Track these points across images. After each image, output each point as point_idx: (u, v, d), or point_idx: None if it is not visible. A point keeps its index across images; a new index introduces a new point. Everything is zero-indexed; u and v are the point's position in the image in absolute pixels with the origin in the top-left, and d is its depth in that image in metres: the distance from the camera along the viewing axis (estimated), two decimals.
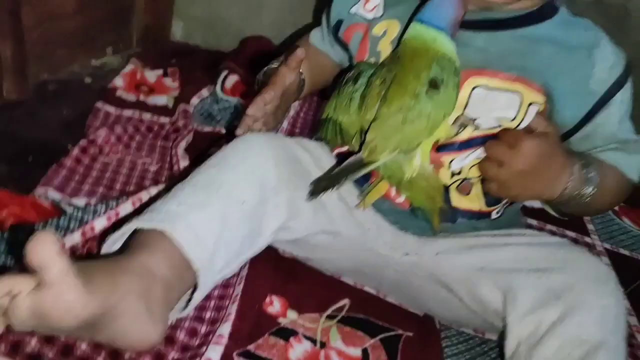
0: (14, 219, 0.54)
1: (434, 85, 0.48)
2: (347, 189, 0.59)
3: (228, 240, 0.48)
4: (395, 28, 0.57)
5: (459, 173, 0.55)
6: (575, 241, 0.82)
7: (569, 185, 0.51)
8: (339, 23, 0.62)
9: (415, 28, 0.50)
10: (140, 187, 0.70)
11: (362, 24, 0.60)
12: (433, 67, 0.48)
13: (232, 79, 0.97)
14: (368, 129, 0.50)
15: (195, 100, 0.91)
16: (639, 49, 0.93)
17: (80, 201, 0.64)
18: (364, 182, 0.58)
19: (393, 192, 0.57)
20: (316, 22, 1.00)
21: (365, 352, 0.56)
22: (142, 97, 0.91)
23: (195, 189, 0.49)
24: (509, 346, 0.50)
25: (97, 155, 0.73)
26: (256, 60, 1.04)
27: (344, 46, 0.63)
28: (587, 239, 0.84)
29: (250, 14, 1.11)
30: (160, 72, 0.98)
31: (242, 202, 0.49)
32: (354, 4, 0.61)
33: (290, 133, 0.87)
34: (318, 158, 0.58)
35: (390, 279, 0.61)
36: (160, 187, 0.64)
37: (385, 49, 0.57)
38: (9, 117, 0.79)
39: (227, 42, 1.12)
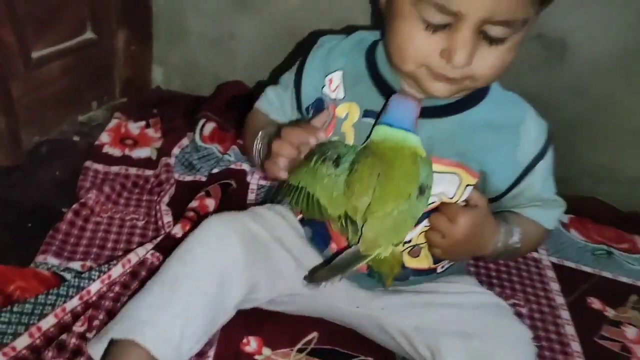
0: (20, 291, 0.63)
1: (422, 191, 0.55)
2: (303, 251, 0.67)
3: (193, 329, 0.57)
4: (356, 111, 0.62)
5: (410, 241, 0.63)
6: (523, 257, 0.91)
7: (498, 245, 0.61)
8: (310, 100, 0.67)
9: (384, 130, 0.56)
10: (129, 243, 0.79)
11: (331, 104, 0.65)
12: (420, 172, 0.55)
13: (210, 126, 1.05)
14: (360, 219, 0.56)
15: (176, 151, 0.99)
16: (576, 78, 1.02)
17: (77, 264, 0.72)
18: (323, 247, 0.66)
19: None
20: (286, 63, 1.08)
21: None
22: (127, 151, 0.99)
23: (162, 287, 0.58)
24: None
25: (89, 216, 0.82)
26: (232, 103, 1.14)
27: (304, 117, 0.68)
28: (535, 254, 0.93)
29: (224, 59, 1.18)
30: (142, 123, 1.06)
31: (204, 293, 0.58)
32: (323, 85, 0.65)
33: None
34: (273, 229, 0.67)
35: (349, 323, 0.70)
36: (148, 246, 0.73)
37: (348, 131, 0.62)
38: (7, 183, 0.88)
39: (205, 86, 1.20)
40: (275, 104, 0.73)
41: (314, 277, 0.59)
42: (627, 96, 1.02)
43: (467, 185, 0.61)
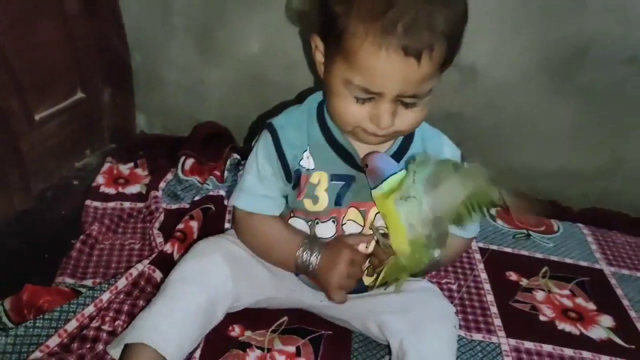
0: (48, 304, 0.80)
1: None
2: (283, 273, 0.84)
3: (190, 332, 0.74)
4: (325, 178, 0.76)
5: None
6: None
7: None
8: (290, 168, 0.77)
9: (393, 181, 0.69)
10: (129, 262, 0.96)
11: (305, 174, 0.76)
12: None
13: (189, 162, 1.23)
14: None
15: (162, 185, 1.18)
16: (489, 95, 1.23)
17: (88, 282, 0.90)
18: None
19: None
20: (251, 101, 1.25)
21: (298, 348, 0.82)
22: (120, 189, 1.17)
23: (163, 301, 0.74)
24: (393, 353, 0.77)
25: (94, 244, 1.00)
26: (208, 141, 1.33)
27: (286, 184, 0.78)
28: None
29: (197, 102, 1.36)
30: (131, 165, 1.25)
31: (197, 305, 0.75)
32: (301, 159, 0.76)
33: None
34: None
35: (316, 310, 0.88)
36: (145, 262, 0.91)
37: (322, 195, 0.76)
38: (22, 224, 1.05)
39: (183, 128, 1.37)
40: (268, 188, 0.78)
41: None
42: (533, 106, 1.23)
43: None
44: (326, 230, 0.79)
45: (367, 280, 0.81)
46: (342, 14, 0.63)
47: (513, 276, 1.06)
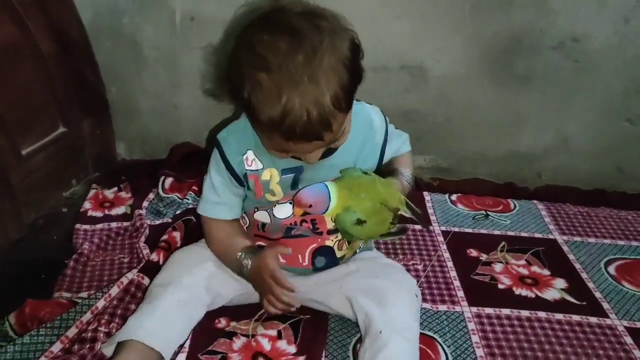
0: (49, 315, 0.89)
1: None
2: None
3: (174, 326, 0.83)
4: (275, 173, 0.84)
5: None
6: (420, 230, 1.21)
7: (408, 185, 0.91)
8: (238, 174, 0.86)
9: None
10: (120, 275, 1.05)
11: (253, 175, 0.85)
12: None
13: (169, 180, 1.33)
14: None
15: (145, 204, 1.27)
16: (438, 91, 1.34)
17: (84, 294, 0.98)
18: None
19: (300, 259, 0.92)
20: (222, 120, 1.34)
21: (279, 332, 0.91)
22: (107, 212, 1.26)
23: (148, 302, 0.85)
24: (361, 327, 0.86)
25: (86, 262, 1.08)
26: (184, 160, 1.42)
27: (242, 184, 0.87)
28: (429, 227, 1.23)
29: (172, 126, 1.45)
30: (115, 189, 1.34)
31: (177, 301, 0.84)
32: (245, 165, 0.85)
33: None
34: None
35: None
36: (134, 271, 1.00)
37: (276, 188, 0.84)
38: (19, 251, 1.13)
39: (160, 151, 1.47)
40: (220, 196, 0.89)
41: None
42: (479, 97, 1.34)
43: None
44: (283, 210, 0.88)
45: (339, 254, 0.92)
46: (249, 106, 0.70)
47: (473, 253, 1.15)
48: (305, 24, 0.69)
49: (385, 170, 0.93)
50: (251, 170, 0.86)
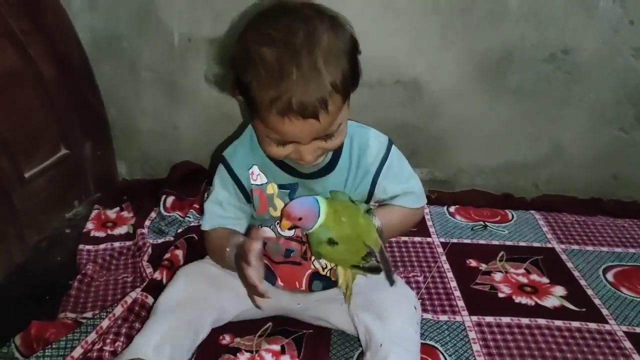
0: (54, 336, 0.90)
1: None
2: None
3: (179, 343, 0.83)
4: (275, 188, 0.86)
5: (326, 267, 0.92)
6: (420, 244, 1.22)
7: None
8: (246, 189, 0.88)
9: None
10: (124, 294, 1.06)
11: (259, 189, 0.87)
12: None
13: (170, 199, 1.34)
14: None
15: (147, 223, 1.28)
16: (432, 105, 1.36)
17: (88, 314, 0.99)
18: (274, 281, 0.95)
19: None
20: (221, 138, 1.35)
21: (282, 347, 0.92)
22: (109, 232, 1.27)
23: (154, 319, 0.85)
24: (362, 341, 0.87)
25: (90, 282, 1.09)
26: (184, 179, 1.44)
27: (249, 200, 0.89)
28: (429, 239, 1.24)
29: (172, 146, 1.48)
30: (117, 209, 1.36)
31: (183, 319, 0.85)
32: (250, 179, 0.87)
33: None
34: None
35: (293, 315, 0.97)
36: (138, 290, 1.01)
37: (277, 202, 0.86)
38: (23, 273, 1.14)
39: (161, 170, 1.49)
40: (226, 210, 0.90)
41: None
42: (473, 110, 1.37)
43: None
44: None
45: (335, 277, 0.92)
46: (249, 86, 0.72)
47: (473, 263, 1.17)
48: (309, 10, 0.73)
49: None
50: (257, 184, 0.87)
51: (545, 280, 1.12)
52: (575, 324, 0.99)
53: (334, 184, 0.86)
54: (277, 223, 0.89)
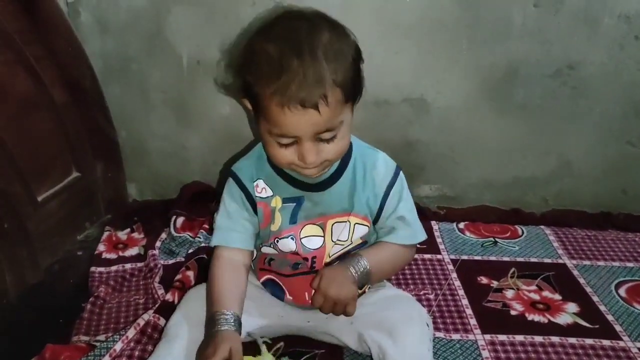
0: (68, 359, 0.90)
1: None
2: (264, 297, 0.96)
3: None
4: (279, 201, 0.87)
5: None
6: (430, 261, 1.22)
7: (355, 275, 0.85)
8: (254, 200, 0.90)
9: None
10: (136, 316, 1.06)
11: (263, 202, 0.89)
12: None
13: (180, 220, 1.35)
14: None
15: (158, 244, 1.29)
16: (440, 121, 1.37)
17: (101, 337, 1.00)
18: (282, 297, 0.95)
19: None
20: (229, 158, 1.36)
21: None
22: (120, 253, 1.28)
23: (167, 340, 0.86)
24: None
25: (103, 305, 1.10)
26: (194, 199, 1.45)
27: (253, 215, 0.90)
28: (438, 256, 1.24)
29: (181, 166, 1.49)
30: (128, 230, 1.37)
31: (194, 340, 0.83)
32: (255, 192, 0.89)
33: None
34: None
35: (304, 333, 0.97)
36: (150, 312, 1.01)
37: (277, 216, 0.87)
38: (35, 296, 1.15)
39: (171, 191, 1.50)
40: (234, 222, 0.90)
41: None
42: (480, 126, 1.37)
43: (356, 224, 0.90)
44: (287, 245, 0.90)
45: None
46: (252, 82, 0.75)
47: (484, 280, 1.17)
48: (313, 15, 0.77)
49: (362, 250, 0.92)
50: (261, 197, 0.89)
51: (557, 297, 1.11)
52: (589, 341, 0.98)
53: (339, 195, 0.87)
54: (277, 240, 0.90)
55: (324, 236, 0.90)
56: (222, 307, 0.83)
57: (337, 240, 0.90)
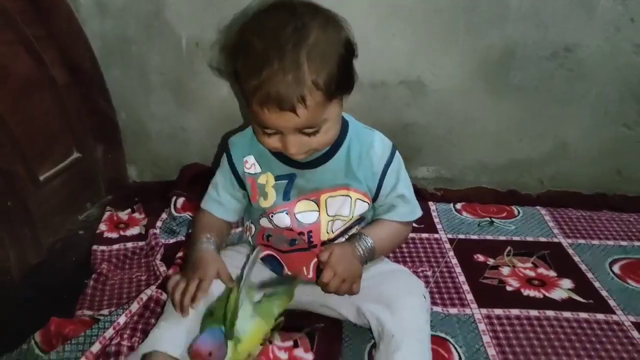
0: (73, 332, 0.92)
1: None
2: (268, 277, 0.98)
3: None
4: (271, 178, 0.89)
5: None
6: (427, 240, 1.24)
7: (363, 258, 0.87)
8: (240, 176, 0.93)
9: None
10: (138, 292, 1.08)
11: (251, 177, 0.91)
12: None
13: (180, 200, 1.37)
14: None
15: (159, 223, 1.30)
16: (437, 104, 1.38)
17: (105, 311, 1.02)
18: (280, 270, 0.97)
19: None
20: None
21: (295, 342, 0.94)
22: (122, 233, 1.29)
23: (167, 314, 0.87)
24: (374, 332, 0.88)
25: (105, 281, 1.11)
26: (194, 180, 1.46)
27: (244, 187, 0.93)
28: (435, 235, 1.26)
29: (181, 148, 1.50)
30: (129, 210, 1.38)
31: (195, 311, 0.85)
32: (244, 167, 0.91)
33: None
34: (238, 262, 0.94)
35: (304, 306, 0.99)
36: (152, 287, 1.03)
37: (270, 191, 0.89)
38: (39, 274, 1.16)
39: (170, 172, 1.51)
40: (219, 195, 0.96)
41: None
42: (477, 108, 1.38)
43: (357, 199, 0.91)
44: (282, 220, 0.91)
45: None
46: (239, 73, 0.77)
47: (480, 258, 1.19)
48: (305, 8, 0.76)
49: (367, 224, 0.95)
50: (249, 173, 0.91)
51: (552, 273, 1.14)
52: (583, 315, 1.01)
53: (332, 172, 0.88)
54: (271, 214, 0.92)
55: (319, 211, 0.91)
56: (203, 236, 0.91)
57: (338, 215, 0.92)
